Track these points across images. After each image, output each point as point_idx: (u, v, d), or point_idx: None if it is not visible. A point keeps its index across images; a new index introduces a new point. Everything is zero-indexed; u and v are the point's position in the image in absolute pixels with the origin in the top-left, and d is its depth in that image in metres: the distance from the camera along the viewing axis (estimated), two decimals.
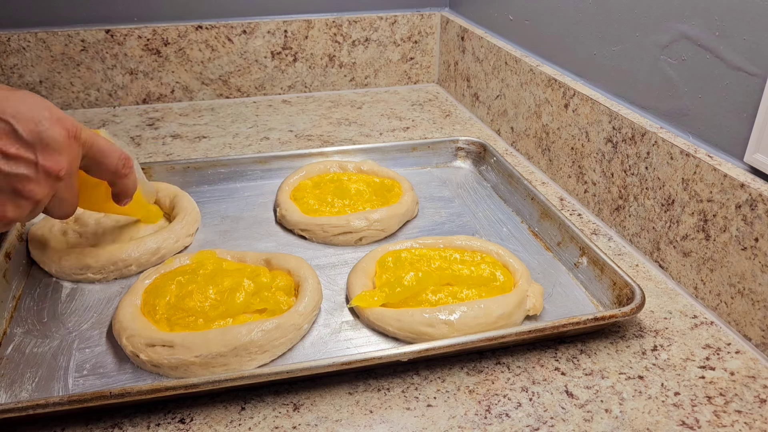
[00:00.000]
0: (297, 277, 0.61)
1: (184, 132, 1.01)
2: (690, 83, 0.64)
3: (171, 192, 0.75)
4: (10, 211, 0.48)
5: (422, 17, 1.19)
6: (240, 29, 1.10)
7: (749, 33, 0.56)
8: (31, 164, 0.47)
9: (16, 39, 1.02)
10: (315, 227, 0.71)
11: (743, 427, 0.49)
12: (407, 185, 0.78)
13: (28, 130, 0.47)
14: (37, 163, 0.47)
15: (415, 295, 0.60)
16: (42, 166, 0.48)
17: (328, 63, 1.17)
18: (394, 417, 0.50)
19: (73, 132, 0.50)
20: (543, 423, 0.49)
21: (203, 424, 0.49)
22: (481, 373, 0.54)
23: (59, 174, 0.49)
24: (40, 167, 0.48)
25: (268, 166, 0.84)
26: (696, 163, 0.61)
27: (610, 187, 0.74)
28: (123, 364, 0.54)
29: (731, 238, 0.58)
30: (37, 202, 0.49)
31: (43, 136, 0.47)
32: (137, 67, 1.08)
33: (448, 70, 1.19)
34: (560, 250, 0.69)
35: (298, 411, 0.50)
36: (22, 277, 0.64)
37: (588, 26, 0.79)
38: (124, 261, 0.64)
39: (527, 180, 0.79)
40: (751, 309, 0.56)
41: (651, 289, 0.65)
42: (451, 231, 0.74)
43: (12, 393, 0.51)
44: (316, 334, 0.58)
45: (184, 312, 0.56)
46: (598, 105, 0.75)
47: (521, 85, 0.92)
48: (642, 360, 0.56)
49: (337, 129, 1.02)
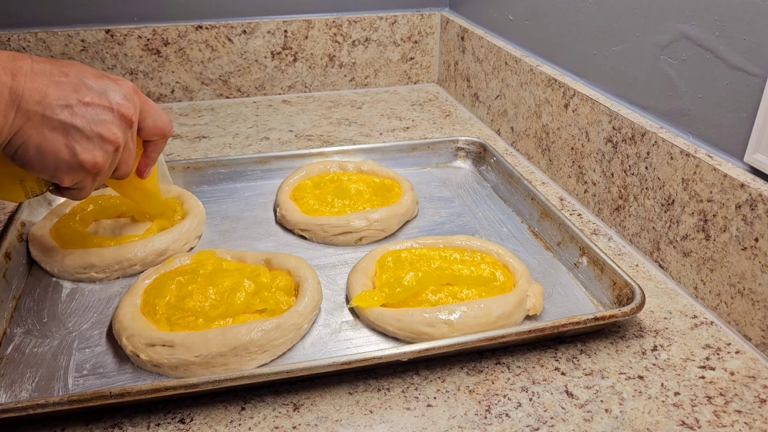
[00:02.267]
0: (297, 277, 0.61)
1: (184, 132, 1.01)
2: (690, 83, 0.64)
3: (175, 192, 0.75)
4: (100, 156, 0.50)
5: (422, 17, 1.19)
6: (240, 29, 1.10)
7: (749, 33, 0.56)
8: (108, 109, 0.51)
9: (16, 39, 1.02)
10: (315, 227, 0.71)
11: (743, 427, 0.49)
12: (407, 185, 0.78)
13: (96, 81, 0.50)
14: (113, 108, 0.51)
15: (415, 295, 0.60)
16: (117, 111, 0.51)
17: (328, 63, 1.17)
18: (394, 417, 0.50)
19: (133, 87, 0.54)
20: (543, 423, 0.49)
21: (203, 424, 0.49)
22: (481, 373, 0.54)
23: (131, 118, 0.52)
24: (116, 112, 0.51)
25: (268, 166, 0.84)
26: (696, 163, 0.61)
27: (610, 187, 0.74)
28: (123, 364, 0.54)
29: (731, 238, 0.58)
30: (118, 147, 0.52)
31: (111, 86, 0.51)
32: (137, 67, 1.08)
33: (448, 70, 1.19)
34: (560, 250, 0.69)
35: (298, 411, 0.50)
36: (22, 277, 0.64)
37: (588, 26, 0.79)
38: (129, 260, 0.64)
39: (527, 180, 0.79)
40: (751, 309, 0.56)
41: (651, 289, 0.65)
42: (451, 231, 0.74)
43: (12, 393, 0.51)
44: (316, 334, 0.58)
45: (184, 312, 0.56)
46: (598, 105, 0.75)
47: (521, 85, 0.92)
48: (642, 360, 0.56)
49: (337, 129, 1.02)
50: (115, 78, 0.53)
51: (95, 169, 0.51)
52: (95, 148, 0.50)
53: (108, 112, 0.50)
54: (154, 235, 0.67)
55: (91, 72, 0.51)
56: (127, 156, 0.55)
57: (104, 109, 0.50)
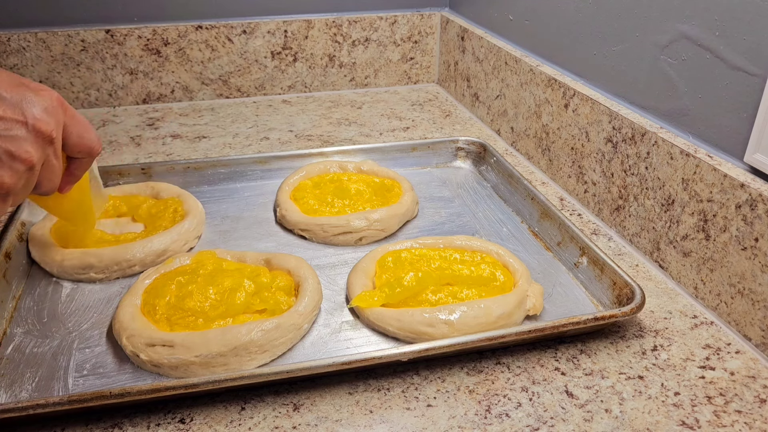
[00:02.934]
0: (297, 277, 0.61)
1: (184, 132, 1.01)
2: (690, 83, 0.64)
3: (174, 192, 0.75)
4: (7, 177, 0.46)
5: (422, 17, 1.19)
6: (240, 29, 1.10)
7: (749, 33, 0.56)
8: (22, 124, 0.46)
9: (16, 39, 1.02)
10: (315, 227, 0.71)
11: (743, 427, 0.49)
12: (407, 185, 0.78)
13: (12, 92, 0.46)
14: (27, 123, 0.46)
15: (415, 295, 0.60)
16: (33, 126, 0.46)
17: (328, 63, 1.17)
18: (394, 417, 0.50)
19: (58, 99, 0.49)
20: (543, 423, 0.49)
21: (203, 424, 0.49)
22: (481, 373, 0.54)
23: (51, 134, 0.47)
24: (30, 127, 0.46)
25: (268, 166, 0.84)
26: (696, 163, 0.61)
27: (610, 187, 0.74)
28: (123, 364, 0.54)
29: (731, 238, 0.58)
30: (31, 166, 0.47)
31: (30, 99, 0.46)
32: (137, 67, 1.08)
33: (448, 70, 1.19)
34: (560, 250, 0.69)
35: (298, 411, 0.50)
36: (22, 277, 0.64)
37: (588, 26, 0.79)
38: (129, 261, 0.64)
39: (527, 180, 0.79)
40: (751, 309, 0.56)
41: (651, 289, 0.65)
42: (451, 231, 0.74)
43: (12, 393, 0.51)
44: (316, 334, 0.58)
45: (184, 312, 0.56)
46: (598, 105, 0.75)
47: (521, 85, 0.92)
48: (642, 360, 0.56)
49: (337, 129, 1.02)
50: (37, 87, 0.48)
51: (2, 190, 0.46)
52: (2, 168, 0.45)
53: (21, 127, 0.45)
54: (153, 236, 0.67)
55: (6, 79, 0.46)
56: (49, 173, 0.50)
57: (17, 123, 0.45)
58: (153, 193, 0.76)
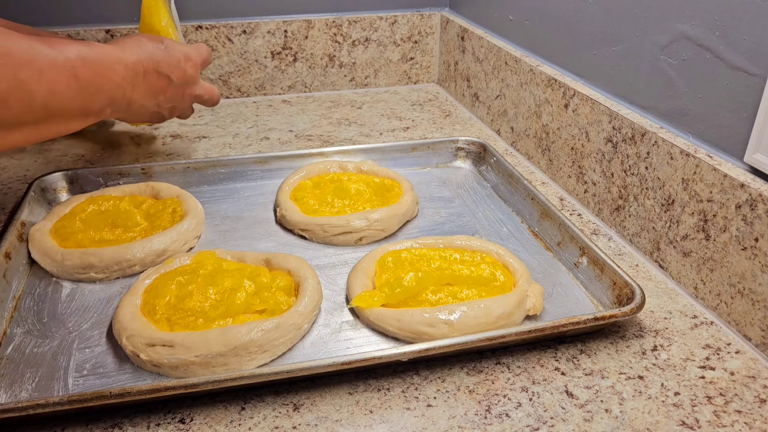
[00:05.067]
0: (297, 277, 0.61)
1: (184, 132, 1.01)
2: (690, 83, 0.64)
3: (174, 192, 0.75)
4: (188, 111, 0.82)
5: (422, 17, 1.19)
6: (240, 29, 1.10)
7: (749, 33, 0.56)
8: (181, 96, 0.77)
9: None
10: (315, 227, 0.71)
11: (743, 427, 0.49)
12: (407, 185, 0.78)
13: (177, 77, 0.73)
14: (184, 94, 0.77)
15: (415, 295, 0.60)
16: (188, 95, 0.78)
17: (328, 63, 1.17)
18: (394, 417, 0.50)
19: (199, 62, 0.77)
20: (543, 423, 0.49)
21: (203, 424, 0.49)
22: (481, 373, 0.54)
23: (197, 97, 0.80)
24: (186, 96, 0.78)
25: (268, 166, 0.85)
26: (696, 163, 0.61)
27: (610, 187, 0.74)
28: (123, 364, 0.54)
29: (731, 238, 0.58)
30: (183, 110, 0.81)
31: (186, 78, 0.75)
32: None
33: (448, 70, 1.19)
34: (560, 250, 0.69)
35: (298, 411, 0.50)
36: (22, 277, 0.64)
37: (588, 26, 0.79)
38: (129, 261, 0.64)
39: (527, 180, 0.79)
40: (751, 309, 0.56)
41: (651, 289, 0.65)
42: (451, 231, 0.74)
43: (12, 393, 0.51)
44: (316, 334, 0.58)
45: (184, 312, 0.56)
46: (598, 105, 0.75)
47: (521, 85, 0.92)
48: (642, 360, 0.56)
49: (337, 129, 1.02)
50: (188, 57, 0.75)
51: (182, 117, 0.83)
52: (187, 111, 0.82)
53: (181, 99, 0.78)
54: (152, 236, 0.67)
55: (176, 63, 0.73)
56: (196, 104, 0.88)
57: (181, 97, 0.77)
58: (153, 193, 0.76)
